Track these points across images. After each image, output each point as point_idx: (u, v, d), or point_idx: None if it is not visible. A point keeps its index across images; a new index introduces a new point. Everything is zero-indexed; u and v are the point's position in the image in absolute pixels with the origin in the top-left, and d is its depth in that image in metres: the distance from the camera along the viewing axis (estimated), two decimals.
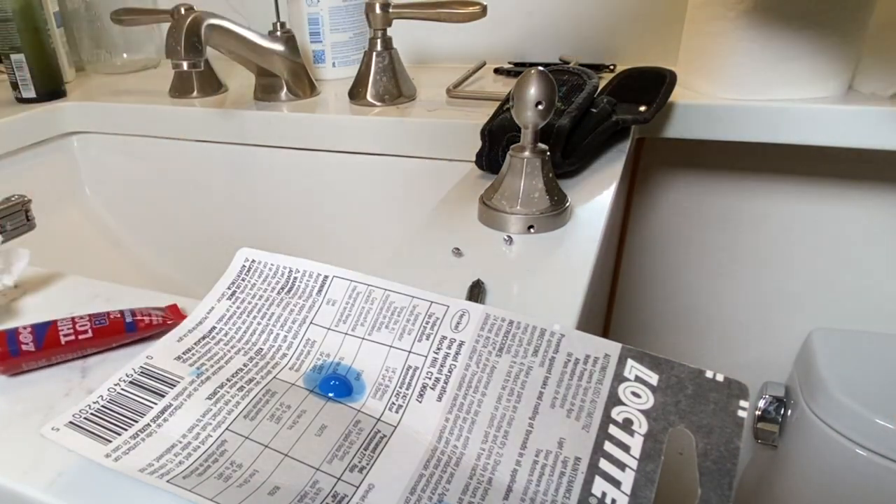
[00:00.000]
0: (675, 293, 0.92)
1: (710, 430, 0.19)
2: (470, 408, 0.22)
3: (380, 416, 0.22)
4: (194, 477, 0.20)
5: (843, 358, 0.75)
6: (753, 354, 0.91)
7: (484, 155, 0.47)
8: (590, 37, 0.83)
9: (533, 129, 0.37)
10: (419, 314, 0.24)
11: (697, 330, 0.93)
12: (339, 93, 0.69)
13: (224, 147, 0.69)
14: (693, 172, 0.83)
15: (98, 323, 0.27)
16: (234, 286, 0.27)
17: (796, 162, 0.78)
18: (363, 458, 0.21)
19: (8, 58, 0.70)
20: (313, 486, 0.20)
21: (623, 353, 0.22)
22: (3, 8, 0.68)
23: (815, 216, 0.80)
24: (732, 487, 0.18)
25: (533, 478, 0.20)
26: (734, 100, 0.65)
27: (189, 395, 0.23)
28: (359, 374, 0.24)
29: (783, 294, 0.86)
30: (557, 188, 0.39)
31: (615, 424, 0.20)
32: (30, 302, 0.33)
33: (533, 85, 0.35)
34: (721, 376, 0.20)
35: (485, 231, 0.38)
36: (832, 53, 0.61)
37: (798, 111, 0.62)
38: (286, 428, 0.22)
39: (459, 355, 0.23)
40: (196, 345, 0.25)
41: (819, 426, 0.70)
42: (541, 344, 0.22)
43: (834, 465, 0.69)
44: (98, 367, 0.27)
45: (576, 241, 0.36)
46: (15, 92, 0.72)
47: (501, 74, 0.80)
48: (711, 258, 0.87)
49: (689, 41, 0.69)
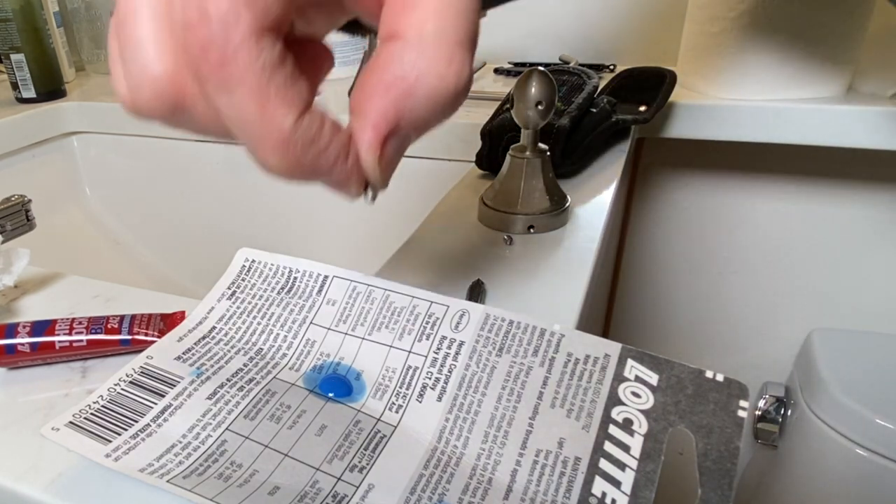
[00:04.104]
0: (675, 293, 0.92)
1: (710, 430, 0.19)
2: (470, 408, 0.22)
3: (380, 416, 0.22)
4: (194, 477, 0.20)
5: (843, 358, 0.74)
6: (753, 354, 0.91)
7: (484, 155, 0.47)
8: (590, 37, 0.83)
9: (533, 129, 0.37)
10: (419, 314, 0.24)
11: (697, 330, 0.93)
12: (340, 92, 0.69)
13: (224, 147, 0.69)
14: (693, 172, 0.83)
15: (94, 331, 0.27)
16: (234, 286, 0.27)
17: (796, 162, 0.78)
18: (363, 458, 0.21)
19: (8, 58, 0.70)
20: (313, 486, 0.20)
21: (623, 353, 0.22)
22: (3, 8, 0.68)
23: (815, 216, 0.80)
24: (732, 487, 0.18)
25: (533, 478, 0.20)
26: (734, 100, 0.65)
27: (189, 395, 0.23)
28: (359, 374, 0.24)
29: (783, 294, 0.86)
30: (557, 188, 0.39)
31: (615, 424, 0.20)
32: (30, 302, 0.33)
33: (533, 85, 0.35)
34: (721, 376, 0.20)
35: (485, 231, 0.38)
36: (832, 53, 0.61)
37: (798, 111, 0.62)
38: (286, 428, 0.22)
39: (459, 355, 0.23)
40: (196, 345, 0.25)
41: (819, 426, 0.70)
42: (541, 344, 0.22)
43: (834, 465, 0.69)
44: (98, 367, 0.27)
45: (576, 241, 0.36)
46: (15, 92, 0.72)
47: (501, 74, 0.80)
48: (711, 258, 0.87)
49: (689, 41, 0.69)
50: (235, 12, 0.15)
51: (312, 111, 0.17)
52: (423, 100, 0.17)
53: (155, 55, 0.16)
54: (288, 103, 0.16)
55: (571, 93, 0.49)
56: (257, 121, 0.16)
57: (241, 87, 0.16)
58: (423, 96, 0.17)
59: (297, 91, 0.17)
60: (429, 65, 0.17)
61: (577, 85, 0.50)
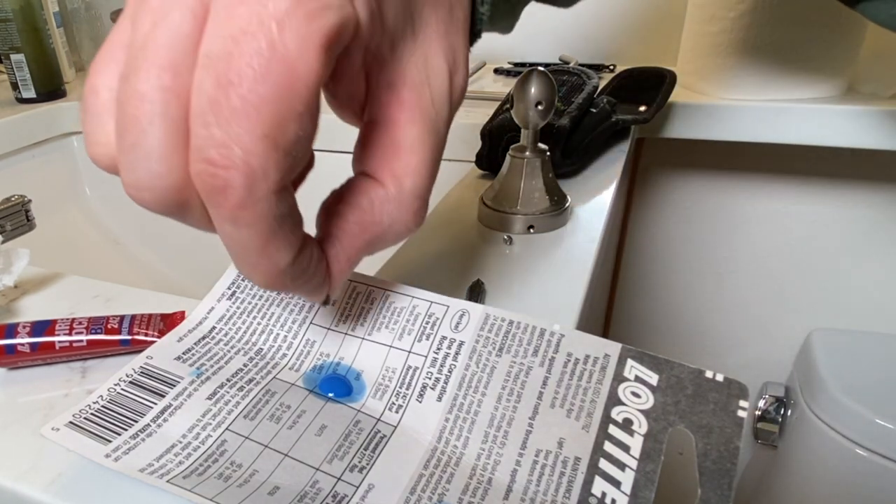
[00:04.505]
0: (675, 293, 0.92)
1: (709, 430, 0.19)
2: (470, 408, 0.22)
3: (380, 416, 0.22)
4: (194, 477, 0.20)
5: (843, 358, 0.74)
6: (753, 354, 0.91)
7: (484, 155, 0.47)
8: (590, 37, 0.83)
9: (533, 129, 0.37)
10: (419, 314, 0.24)
11: (697, 329, 0.93)
12: None
13: None
14: (693, 172, 0.83)
15: (94, 331, 0.27)
16: (234, 286, 0.27)
17: (796, 162, 0.78)
18: (363, 458, 0.21)
19: (8, 58, 0.70)
20: (313, 486, 0.20)
21: (623, 353, 0.22)
22: (3, 8, 0.68)
23: (814, 216, 0.80)
24: (732, 487, 0.18)
25: (533, 478, 0.20)
26: (734, 100, 0.65)
27: (189, 395, 0.23)
28: (359, 374, 0.24)
29: (783, 294, 0.86)
30: (557, 188, 0.39)
31: (615, 424, 0.20)
32: (30, 302, 0.33)
33: (533, 85, 0.35)
34: (721, 376, 0.20)
35: (485, 231, 0.38)
36: (832, 53, 0.61)
37: (798, 111, 0.62)
38: (286, 428, 0.22)
39: (459, 355, 0.23)
40: (196, 345, 0.25)
41: (819, 426, 0.70)
42: (541, 344, 0.22)
43: (834, 465, 0.69)
44: (98, 368, 0.27)
45: (576, 241, 0.36)
46: (15, 92, 0.72)
47: (501, 74, 0.80)
48: (711, 258, 0.87)
49: (689, 41, 0.69)
50: (264, 170, 0.15)
51: (305, 246, 0.18)
52: (391, 239, 0.21)
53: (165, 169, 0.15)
54: (289, 244, 0.17)
55: (571, 93, 0.49)
56: (257, 255, 0.17)
57: (251, 229, 0.16)
58: (392, 237, 0.21)
59: (298, 232, 0.18)
60: (402, 216, 0.20)
61: (577, 85, 0.50)
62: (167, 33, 0.15)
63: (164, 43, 0.15)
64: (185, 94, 0.15)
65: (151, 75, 0.15)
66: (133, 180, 0.16)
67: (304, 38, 0.14)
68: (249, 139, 0.14)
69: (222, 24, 0.14)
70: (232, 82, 0.14)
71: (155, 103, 0.15)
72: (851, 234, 0.79)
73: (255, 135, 0.14)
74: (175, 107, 0.15)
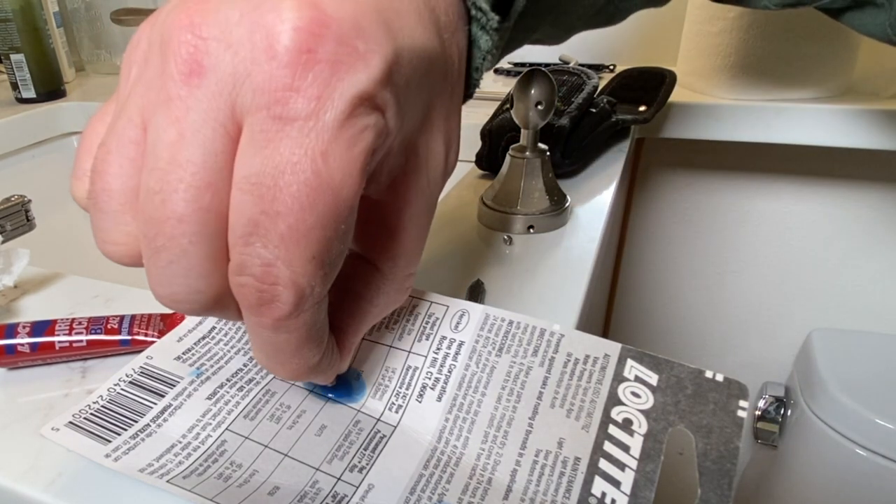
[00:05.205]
0: (675, 293, 0.92)
1: (709, 430, 0.19)
2: (470, 408, 0.22)
3: (380, 417, 0.22)
4: (194, 477, 0.20)
5: (843, 358, 0.75)
6: (753, 354, 0.91)
7: (484, 155, 0.47)
8: (590, 37, 0.83)
9: (533, 129, 0.37)
10: (419, 314, 0.24)
11: (697, 330, 0.93)
12: None
13: None
14: (693, 172, 0.83)
15: (94, 331, 0.27)
16: None
17: (796, 162, 0.78)
18: (363, 458, 0.21)
19: (8, 58, 0.70)
20: (313, 486, 0.20)
21: (623, 353, 0.22)
22: (3, 8, 0.68)
23: (814, 216, 0.80)
24: (732, 487, 0.18)
25: (533, 478, 0.20)
26: (734, 100, 0.65)
27: (189, 396, 0.23)
28: (358, 374, 0.24)
29: (783, 294, 0.86)
30: (557, 188, 0.39)
31: (615, 424, 0.20)
32: (30, 302, 0.33)
33: (533, 85, 0.35)
34: (721, 376, 0.20)
35: (484, 231, 0.38)
36: (831, 54, 0.62)
37: (798, 111, 0.62)
38: (286, 428, 0.22)
39: (459, 355, 0.23)
40: (196, 345, 0.25)
41: (819, 426, 0.70)
42: (540, 344, 0.22)
43: (834, 465, 0.69)
44: (98, 368, 0.27)
45: (576, 241, 0.36)
46: (15, 92, 0.72)
47: (501, 74, 0.80)
48: (711, 258, 0.87)
49: (689, 41, 0.69)
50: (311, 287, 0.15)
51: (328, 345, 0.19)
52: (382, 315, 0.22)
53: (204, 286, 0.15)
54: (319, 345, 0.18)
55: (571, 93, 0.49)
56: (289, 356, 0.17)
57: (290, 335, 0.16)
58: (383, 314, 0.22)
59: (325, 331, 0.18)
60: (394, 294, 0.21)
61: (577, 85, 0.50)
62: (200, 151, 0.14)
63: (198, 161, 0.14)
64: (223, 212, 0.15)
65: (189, 196, 0.14)
66: (169, 293, 0.15)
67: (348, 163, 0.14)
68: (298, 262, 0.14)
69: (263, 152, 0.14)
70: (280, 213, 0.14)
71: (194, 224, 0.14)
72: (851, 234, 0.79)
73: (304, 258, 0.14)
74: (214, 226, 0.15)
